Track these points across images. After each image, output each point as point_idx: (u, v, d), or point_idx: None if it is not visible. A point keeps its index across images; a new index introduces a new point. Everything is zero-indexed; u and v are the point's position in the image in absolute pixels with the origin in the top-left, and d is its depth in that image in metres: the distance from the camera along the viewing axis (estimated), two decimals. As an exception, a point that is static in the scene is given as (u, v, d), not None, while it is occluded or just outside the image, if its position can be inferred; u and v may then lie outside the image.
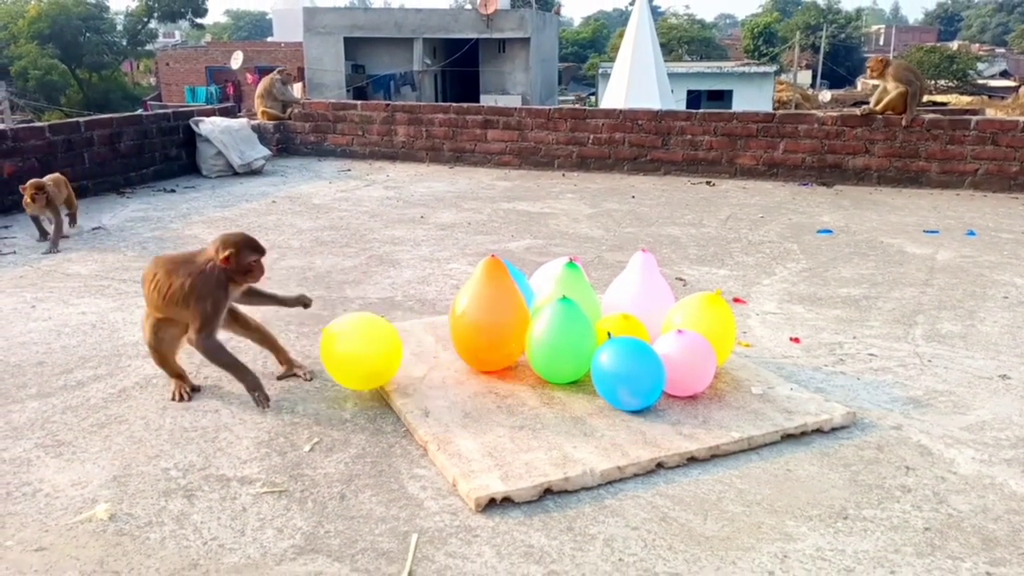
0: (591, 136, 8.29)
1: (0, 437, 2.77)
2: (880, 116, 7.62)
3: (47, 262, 4.97)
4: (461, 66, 27.99)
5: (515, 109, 8.60)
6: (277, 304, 3.33)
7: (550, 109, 8.47)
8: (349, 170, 8.42)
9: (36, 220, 5.44)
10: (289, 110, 9.30)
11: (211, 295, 2.90)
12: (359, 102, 9.05)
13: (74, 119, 6.82)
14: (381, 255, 5.20)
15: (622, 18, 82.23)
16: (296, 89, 31.40)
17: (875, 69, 7.77)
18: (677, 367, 2.89)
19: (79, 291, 4.39)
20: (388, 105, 8.88)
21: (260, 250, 3.00)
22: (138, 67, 47.90)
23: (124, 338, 3.71)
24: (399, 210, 6.59)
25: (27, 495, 2.42)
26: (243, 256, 2.93)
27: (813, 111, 10.31)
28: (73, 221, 5.74)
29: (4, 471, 2.56)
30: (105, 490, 2.44)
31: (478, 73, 27.95)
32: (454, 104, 8.69)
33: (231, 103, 32.32)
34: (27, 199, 5.24)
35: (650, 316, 3.25)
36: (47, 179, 5.44)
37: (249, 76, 32.35)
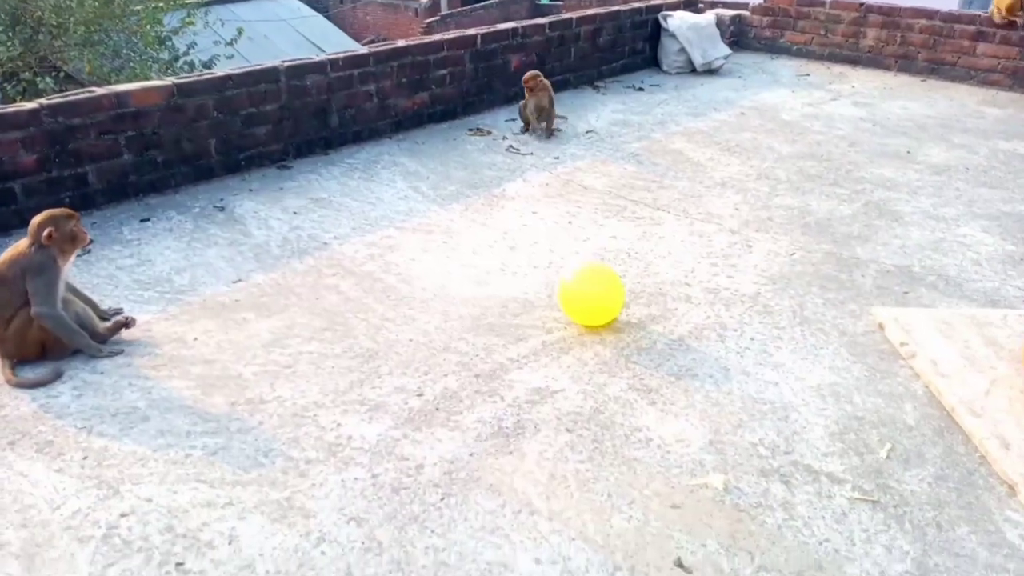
0: (1123, 61, 6.89)
1: (596, 371, 3.29)
2: None
3: (561, 169, 5.55)
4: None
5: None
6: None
7: (1068, 23, 7.12)
8: (807, 75, 8.01)
9: (521, 110, 6.11)
10: None
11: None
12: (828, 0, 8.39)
13: (567, 16, 7.30)
14: (877, 202, 4.99)
15: None
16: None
17: None
18: None
19: (602, 209, 4.88)
20: (862, 5, 8.12)
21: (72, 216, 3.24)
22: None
23: (661, 275, 4.08)
24: (879, 139, 6.19)
25: (642, 442, 2.88)
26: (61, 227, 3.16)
27: None
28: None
29: (614, 410, 3.05)
30: (707, 455, 2.81)
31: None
32: (941, 10, 7.69)
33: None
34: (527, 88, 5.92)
35: None
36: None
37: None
